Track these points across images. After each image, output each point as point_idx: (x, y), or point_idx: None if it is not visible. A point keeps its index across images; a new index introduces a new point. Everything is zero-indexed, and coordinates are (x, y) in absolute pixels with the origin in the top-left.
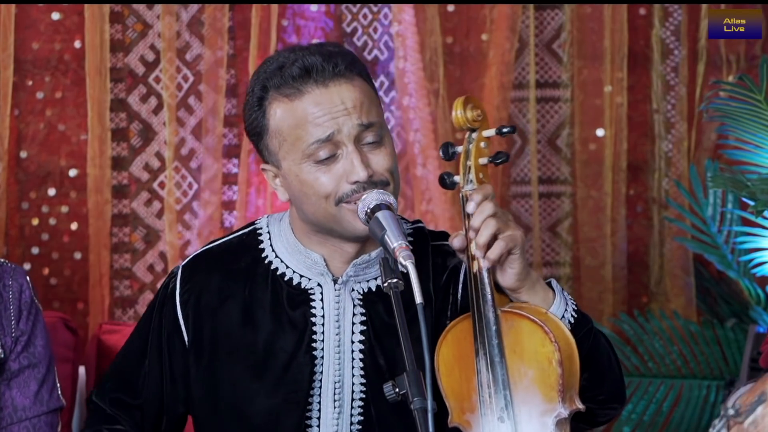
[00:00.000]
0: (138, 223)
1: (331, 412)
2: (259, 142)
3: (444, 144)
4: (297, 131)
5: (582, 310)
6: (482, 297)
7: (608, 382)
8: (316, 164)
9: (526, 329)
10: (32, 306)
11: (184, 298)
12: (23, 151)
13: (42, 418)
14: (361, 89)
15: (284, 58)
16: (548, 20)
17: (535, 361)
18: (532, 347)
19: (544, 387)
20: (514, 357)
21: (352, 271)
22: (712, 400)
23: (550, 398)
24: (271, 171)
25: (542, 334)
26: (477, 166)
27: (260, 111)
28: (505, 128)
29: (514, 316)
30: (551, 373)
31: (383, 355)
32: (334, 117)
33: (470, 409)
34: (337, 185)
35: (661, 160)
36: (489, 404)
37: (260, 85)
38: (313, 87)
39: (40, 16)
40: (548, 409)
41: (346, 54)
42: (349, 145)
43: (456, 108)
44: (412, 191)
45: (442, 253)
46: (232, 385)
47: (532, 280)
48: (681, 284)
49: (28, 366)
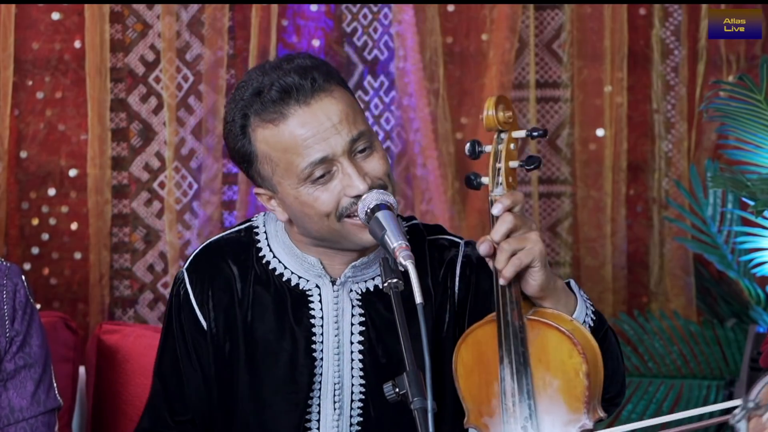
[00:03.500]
0: (138, 223)
1: (331, 413)
2: (250, 169)
3: (471, 141)
4: (288, 156)
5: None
6: (509, 305)
7: (617, 379)
8: (312, 184)
9: (553, 339)
10: (27, 305)
11: (200, 300)
12: (23, 151)
13: (39, 419)
14: (342, 100)
15: (258, 82)
16: (548, 20)
17: (561, 371)
18: (558, 358)
19: (570, 398)
20: (540, 366)
21: (350, 272)
22: (712, 400)
23: (576, 409)
24: (265, 195)
25: (570, 345)
26: (507, 169)
27: (245, 138)
28: (536, 131)
29: (540, 325)
30: (578, 384)
31: (382, 355)
32: (325, 137)
33: (488, 413)
34: (337, 201)
35: (661, 160)
36: (513, 413)
37: (240, 113)
38: (295, 108)
39: (40, 16)
40: (573, 419)
41: (320, 65)
42: (344, 161)
43: (488, 108)
44: (412, 191)
45: (438, 247)
46: (233, 384)
47: (556, 288)
48: (681, 284)
49: (24, 366)
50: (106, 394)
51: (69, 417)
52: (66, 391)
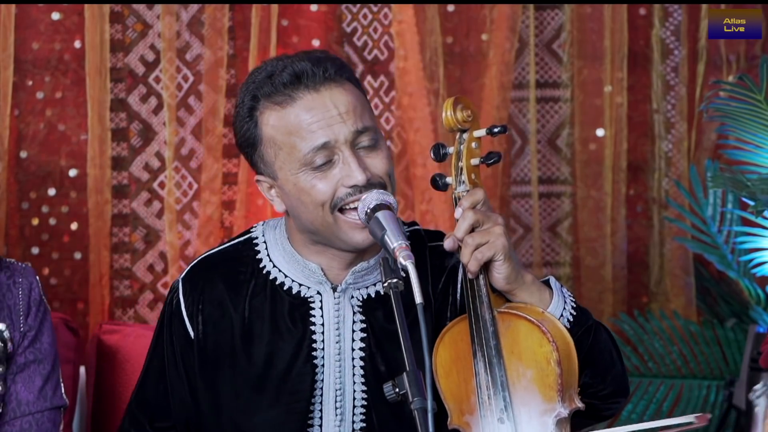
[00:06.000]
0: (138, 223)
1: (333, 420)
2: (253, 154)
3: (435, 145)
4: (291, 139)
5: (582, 305)
6: (478, 298)
7: (611, 376)
8: (312, 171)
9: (523, 329)
10: (41, 304)
11: (190, 311)
12: (23, 151)
13: (45, 414)
14: (352, 94)
15: (272, 66)
16: (548, 20)
17: (534, 361)
18: (529, 347)
19: (543, 387)
20: (512, 358)
21: (351, 278)
22: (712, 400)
23: (550, 398)
24: (266, 182)
25: (539, 334)
26: (469, 166)
27: (252, 121)
28: (496, 128)
29: (510, 316)
30: (550, 372)
31: (384, 361)
32: (329, 124)
33: (469, 411)
34: (333, 191)
35: (661, 160)
36: (488, 406)
37: (250, 95)
38: (304, 92)
39: (40, 16)
40: (548, 408)
41: (335, 59)
42: (345, 150)
43: (446, 109)
44: (412, 191)
45: (440, 254)
46: (234, 397)
47: (524, 281)
48: (681, 284)
49: (34, 361)
50: (106, 394)
51: (69, 417)
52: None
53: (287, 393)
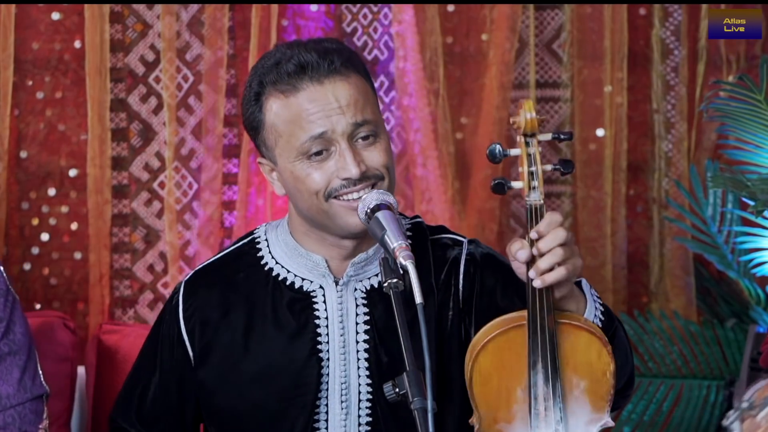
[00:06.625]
0: (138, 223)
1: (339, 414)
2: (257, 137)
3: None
4: (291, 128)
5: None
6: (545, 310)
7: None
8: (308, 160)
9: (583, 341)
10: (8, 294)
11: (188, 314)
12: (23, 151)
13: (27, 405)
14: (356, 86)
15: (281, 54)
16: (548, 20)
17: (589, 372)
18: (586, 359)
19: (595, 398)
20: (567, 369)
21: (352, 270)
22: (712, 400)
23: (599, 408)
24: (267, 165)
25: (599, 346)
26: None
27: (257, 106)
28: (564, 134)
29: (570, 327)
30: (604, 384)
31: (388, 353)
32: (328, 115)
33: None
34: (327, 182)
35: (661, 160)
36: (544, 417)
37: (257, 80)
38: (308, 84)
39: (40, 16)
40: (595, 418)
41: (344, 51)
42: (342, 143)
43: (527, 110)
44: (412, 191)
45: (441, 246)
46: (239, 395)
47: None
48: (681, 284)
49: (9, 353)
50: (106, 394)
51: (68, 417)
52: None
53: (293, 388)
